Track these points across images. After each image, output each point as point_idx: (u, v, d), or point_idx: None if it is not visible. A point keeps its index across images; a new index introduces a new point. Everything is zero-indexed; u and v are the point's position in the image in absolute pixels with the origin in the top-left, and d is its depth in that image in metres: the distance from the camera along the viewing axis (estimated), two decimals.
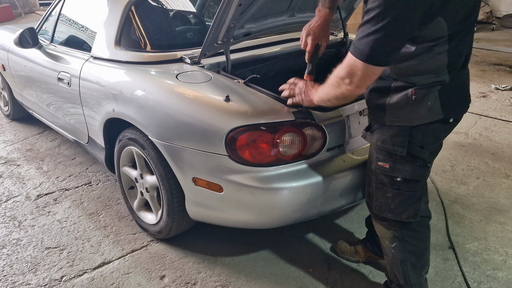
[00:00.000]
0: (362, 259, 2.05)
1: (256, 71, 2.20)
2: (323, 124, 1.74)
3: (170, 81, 1.98)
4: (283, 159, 1.70)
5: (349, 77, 1.33)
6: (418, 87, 1.39)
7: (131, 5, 2.28)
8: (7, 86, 3.68)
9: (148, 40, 2.24)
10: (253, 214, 1.80)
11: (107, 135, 2.37)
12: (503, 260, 2.08)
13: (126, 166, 2.31)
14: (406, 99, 1.40)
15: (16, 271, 2.10)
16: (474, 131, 3.51)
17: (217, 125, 1.72)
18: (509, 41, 6.61)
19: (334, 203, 1.84)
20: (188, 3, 2.77)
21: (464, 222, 2.37)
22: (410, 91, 1.39)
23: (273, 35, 2.47)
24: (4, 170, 3.09)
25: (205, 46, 1.95)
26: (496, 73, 5.10)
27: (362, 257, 2.05)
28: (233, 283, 1.98)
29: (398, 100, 1.42)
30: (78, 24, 2.80)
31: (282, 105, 1.73)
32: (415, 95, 1.39)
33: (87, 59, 2.42)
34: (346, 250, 2.09)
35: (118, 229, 2.39)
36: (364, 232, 2.11)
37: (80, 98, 2.44)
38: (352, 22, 2.91)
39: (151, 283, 2.00)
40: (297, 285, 1.96)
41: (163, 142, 1.89)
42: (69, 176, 2.97)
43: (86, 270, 2.09)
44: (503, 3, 7.93)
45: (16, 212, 2.58)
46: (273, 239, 2.26)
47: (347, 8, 2.49)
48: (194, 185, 1.86)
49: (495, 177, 2.81)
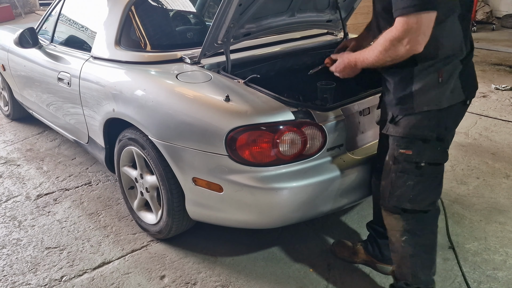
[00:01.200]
0: (360, 261, 2.03)
1: (256, 71, 2.20)
2: (323, 124, 1.74)
3: (170, 81, 1.98)
4: (283, 159, 1.70)
5: (407, 36, 1.32)
6: (444, 69, 1.42)
7: (131, 5, 2.28)
8: (7, 86, 3.68)
9: (148, 40, 2.24)
10: (253, 214, 1.80)
11: (107, 135, 2.37)
12: (503, 260, 2.08)
13: (126, 166, 2.31)
14: (432, 82, 1.43)
15: (16, 271, 2.10)
16: (474, 131, 3.51)
17: (217, 125, 1.72)
18: (509, 41, 6.61)
19: (334, 203, 1.83)
20: (188, 3, 2.77)
21: (464, 222, 2.37)
22: (437, 74, 1.42)
23: (273, 35, 2.47)
24: (4, 170, 3.09)
25: (205, 46, 1.95)
26: (496, 73, 5.10)
27: (361, 259, 2.03)
28: (233, 283, 1.98)
29: (424, 84, 1.44)
30: (78, 24, 2.80)
31: (282, 105, 1.73)
32: (442, 77, 1.42)
33: (87, 59, 2.42)
34: (343, 251, 2.07)
35: (118, 229, 2.39)
36: (363, 232, 2.11)
37: (80, 98, 2.44)
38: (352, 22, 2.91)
39: (151, 283, 2.00)
40: (297, 285, 1.96)
41: (163, 142, 1.89)
42: (69, 176, 2.97)
43: (86, 270, 2.09)
44: (503, 3, 7.93)
45: (16, 212, 2.58)
46: (273, 239, 2.26)
47: (347, 8, 2.49)
48: (194, 185, 1.86)
49: (495, 177, 2.81)
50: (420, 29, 1.31)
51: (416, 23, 1.30)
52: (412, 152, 1.52)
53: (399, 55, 1.37)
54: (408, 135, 1.51)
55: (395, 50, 1.37)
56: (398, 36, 1.34)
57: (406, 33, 1.32)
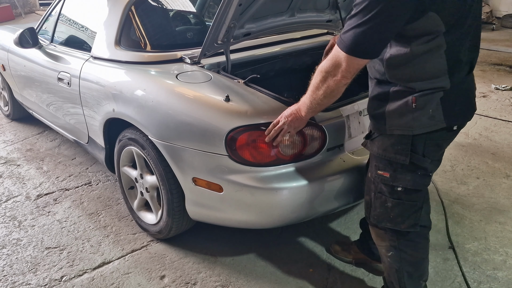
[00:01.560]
0: (355, 260, 2.04)
1: (256, 71, 2.20)
2: (323, 124, 1.74)
3: (170, 81, 1.98)
4: (283, 159, 1.70)
5: (334, 69, 1.34)
6: (418, 95, 1.34)
7: (131, 5, 2.28)
8: (7, 86, 3.68)
9: (148, 40, 2.24)
10: (253, 214, 1.80)
11: (107, 135, 2.37)
12: (503, 260, 2.08)
13: (126, 166, 2.31)
14: (406, 107, 1.36)
15: (16, 271, 2.10)
16: (474, 131, 3.51)
17: (217, 125, 1.72)
18: (509, 41, 6.61)
19: (334, 203, 1.83)
20: (188, 3, 2.77)
21: (464, 222, 2.37)
22: (410, 99, 1.35)
23: (273, 35, 2.47)
24: (4, 170, 3.09)
25: (205, 46, 1.95)
26: (496, 73, 5.09)
27: (355, 258, 2.03)
28: (233, 283, 1.98)
29: (397, 107, 1.37)
30: (78, 24, 2.80)
31: (282, 105, 1.73)
32: (415, 102, 1.34)
33: (87, 59, 2.42)
34: (340, 250, 2.09)
35: (118, 229, 2.39)
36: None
37: (80, 98, 2.44)
38: None
39: (151, 283, 2.00)
40: (297, 285, 1.96)
41: (163, 142, 1.89)
42: (69, 176, 2.97)
43: (86, 270, 2.09)
44: (503, 3, 7.92)
45: (16, 212, 2.58)
46: (273, 239, 2.25)
47: (347, 8, 2.49)
48: (194, 185, 1.86)
49: (495, 177, 2.81)
50: (346, 68, 1.32)
51: (345, 61, 1.31)
52: (389, 175, 1.46)
53: (330, 86, 1.38)
54: (382, 156, 1.46)
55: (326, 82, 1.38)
56: (327, 68, 1.36)
57: (334, 67, 1.34)
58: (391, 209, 1.50)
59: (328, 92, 1.40)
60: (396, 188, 1.47)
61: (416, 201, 1.49)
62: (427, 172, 1.45)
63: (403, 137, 1.40)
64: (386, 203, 1.50)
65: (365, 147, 1.56)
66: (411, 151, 1.40)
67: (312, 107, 1.48)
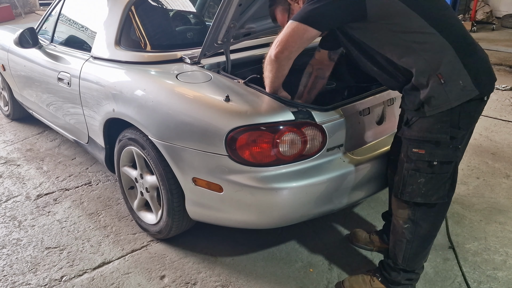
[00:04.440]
0: (376, 249, 2.14)
1: (256, 71, 2.20)
2: (323, 124, 1.74)
3: (170, 81, 1.98)
4: (283, 159, 1.70)
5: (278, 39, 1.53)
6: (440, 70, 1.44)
7: (131, 5, 2.28)
8: (7, 86, 3.68)
9: (148, 40, 2.24)
10: (253, 214, 1.80)
11: (107, 135, 2.37)
12: (503, 260, 2.09)
13: (126, 166, 2.31)
14: (437, 86, 1.45)
15: (16, 271, 2.10)
16: (474, 131, 3.50)
17: (217, 125, 1.71)
18: (509, 41, 6.60)
19: (334, 203, 1.83)
20: (188, 3, 2.77)
21: (464, 222, 2.37)
22: (437, 76, 1.44)
23: (273, 35, 2.47)
24: (4, 170, 3.09)
25: (205, 46, 1.95)
26: (496, 73, 5.08)
27: (377, 247, 2.14)
28: (233, 283, 1.98)
29: (430, 90, 1.46)
30: (78, 24, 2.80)
31: (282, 105, 1.73)
32: (443, 77, 1.44)
33: (87, 59, 2.42)
34: (361, 239, 2.17)
35: (118, 229, 2.39)
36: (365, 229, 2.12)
37: (80, 98, 2.44)
38: None
39: (151, 283, 2.00)
40: (297, 285, 1.96)
41: (163, 142, 1.89)
42: (69, 176, 2.97)
43: (86, 270, 2.09)
44: (503, 3, 7.92)
45: (16, 212, 2.58)
46: (273, 239, 2.26)
47: None
48: (194, 185, 1.86)
49: (495, 177, 2.81)
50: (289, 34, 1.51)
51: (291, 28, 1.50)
52: (424, 151, 1.55)
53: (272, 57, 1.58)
54: (420, 137, 1.54)
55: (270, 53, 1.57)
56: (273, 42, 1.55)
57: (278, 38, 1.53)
58: (424, 184, 1.59)
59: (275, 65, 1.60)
60: (432, 163, 1.55)
61: (447, 172, 1.59)
62: (457, 144, 1.55)
63: (442, 114, 1.48)
64: (420, 179, 1.58)
65: (403, 134, 1.62)
66: (451, 127, 1.49)
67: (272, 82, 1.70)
